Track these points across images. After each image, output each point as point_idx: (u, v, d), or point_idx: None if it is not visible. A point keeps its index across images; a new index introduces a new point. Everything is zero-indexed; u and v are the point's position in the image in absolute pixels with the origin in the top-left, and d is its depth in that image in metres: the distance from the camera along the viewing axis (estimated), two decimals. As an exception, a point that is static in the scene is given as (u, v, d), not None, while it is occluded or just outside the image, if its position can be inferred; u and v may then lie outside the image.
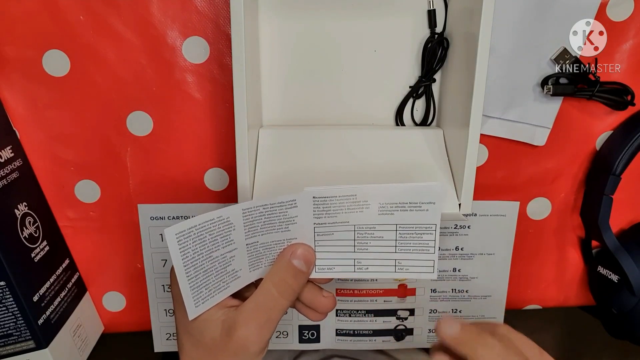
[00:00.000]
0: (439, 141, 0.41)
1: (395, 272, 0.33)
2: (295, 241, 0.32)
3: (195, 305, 0.30)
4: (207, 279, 0.30)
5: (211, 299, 0.31)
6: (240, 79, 0.34)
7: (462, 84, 0.37)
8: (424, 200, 0.31)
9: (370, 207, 0.31)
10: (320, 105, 0.43)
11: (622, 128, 0.44)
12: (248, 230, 0.31)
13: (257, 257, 0.32)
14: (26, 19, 0.39)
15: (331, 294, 0.34)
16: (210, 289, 0.31)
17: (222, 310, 0.31)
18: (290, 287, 0.31)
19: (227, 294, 0.32)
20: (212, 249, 0.30)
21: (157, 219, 0.45)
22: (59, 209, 0.45)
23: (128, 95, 0.42)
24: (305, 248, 0.32)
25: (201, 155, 0.44)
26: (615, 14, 0.41)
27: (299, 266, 0.32)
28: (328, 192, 0.31)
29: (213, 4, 0.40)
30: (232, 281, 0.32)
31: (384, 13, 0.40)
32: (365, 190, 0.31)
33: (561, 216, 0.48)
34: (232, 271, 0.31)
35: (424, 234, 0.32)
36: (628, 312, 0.44)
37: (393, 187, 0.31)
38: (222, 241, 0.30)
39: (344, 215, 0.32)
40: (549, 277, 0.50)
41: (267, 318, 0.30)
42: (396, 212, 0.31)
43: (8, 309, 0.38)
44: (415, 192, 0.31)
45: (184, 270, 0.29)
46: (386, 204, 0.31)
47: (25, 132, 0.42)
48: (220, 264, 0.31)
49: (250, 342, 0.30)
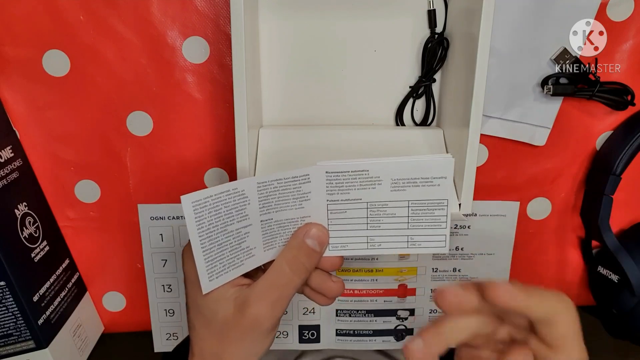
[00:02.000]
0: (439, 141, 0.41)
1: (408, 247, 0.33)
2: (309, 220, 0.33)
3: (209, 279, 0.30)
4: (222, 253, 0.30)
5: (225, 275, 0.31)
6: (240, 79, 0.34)
7: (462, 84, 0.37)
8: (435, 175, 0.31)
9: (383, 184, 0.31)
10: (320, 105, 0.43)
11: (622, 128, 0.44)
12: (262, 205, 0.31)
13: (272, 235, 0.32)
14: (26, 19, 0.39)
15: (340, 279, 0.34)
16: (225, 264, 0.31)
17: (234, 288, 0.31)
18: (303, 266, 0.32)
19: (241, 271, 0.32)
20: (227, 222, 0.30)
21: (157, 219, 0.45)
22: (59, 209, 0.45)
23: (128, 95, 0.42)
24: (319, 228, 0.32)
25: (201, 155, 0.44)
26: (615, 14, 0.41)
27: (312, 245, 0.32)
28: (340, 167, 0.31)
29: (213, 4, 0.40)
30: (246, 259, 0.32)
31: (384, 13, 0.40)
32: (377, 166, 0.31)
33: (561, 216, 0.48)
34: (247, 248, 0.31)
35: (436, 209, 0.32)
36: (628, 312, 0.44)
37: (405, 161, 0.31)
38: (237, 215, 0.30)
39: (356, 192, 0.32)
40: (549, 277, 0.50)
41: (280, 295, 0.31)
42: (408, 187, 0.31)
43: (8, 309, 0.38)
44: (427, 167, 0.31)
45: (199, 241, 0.29)
46: (398, 180, 0.31)
47: (25, 132, 0.42)
48: (235, 239, 0.31)
49: (262, 319, 0.30)
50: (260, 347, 0.32)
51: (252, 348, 0.31)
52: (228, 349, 0.31)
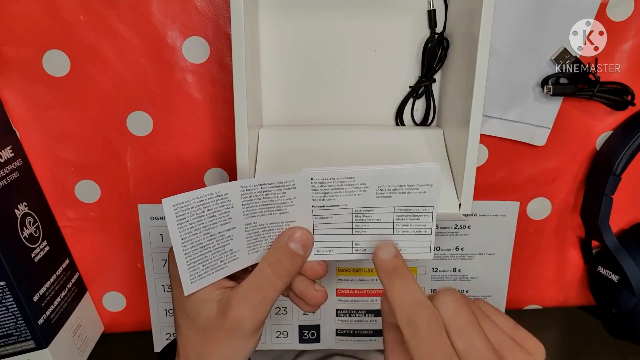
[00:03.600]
0: (439, 141, 0.41)
1: None
2: (294, 224, 0.33)
3: (191, 281, 0.30)
4: (204, 256, 0.30)
5: (208, 277, 0.31)
6: (240, 79, 0.34)
7: (462, 84, 0.37)
8: (421, 183, 0.31)
9: (368, 190, 0.31)
10: (320, 105, 0.43)
11: (622, 128, 0.44)
12: (246, 209, 0.31)
13: (256, 239, 0.32)
14: (26, 19, 0.39)
15: (323, 288, 0.34)
16: (207, 266, 0.31)
17: (219, 290, 0.31)
18: (286, 269, 0.32)
19: (224, 274, 0.32)
20: (210, 225, 0.30)
21: (157, 219, 0.45)
22: (59, 209, 0.45)
23: (128, 95, 0.42)
24: (303, 232, 0.32)
25: (201, 155, 0.44)
26: (615, 14, 0.41)
27: (295, 249, 0.32)
28: (326, 174, 0.31)
29: (213, 4, 0.40)
30: (230, 261, 0.32)
31: (384, 13, 0.40)
32: (362, 173, 0.31)
33: (561, 216, 0.48)
34: (230, 251, 0.31)
35: (421, 215, 0.32)
36: (628, 312, 0.44)
37: (390, 169, 0.31)
38: (220, 218, 0.30)
39: (342, 198, 0.32)
40: (549, 277, 0.50)
41: (262, 297, 0.31)
42: (394, 194, 0.31)
43: (8, 309, 0.38)
44: (412, 175, 0.31)
45: (181, 243, 0.29)
46: (384, 187, 0.31)
47: (25, 132, 0.42)
48: (218, 242, 0.31)
49: (244, 321, 0.30)
50: (244, 349, 0.32)
51: (235, 350, 0.32)
52: (211, 350, 0.31)
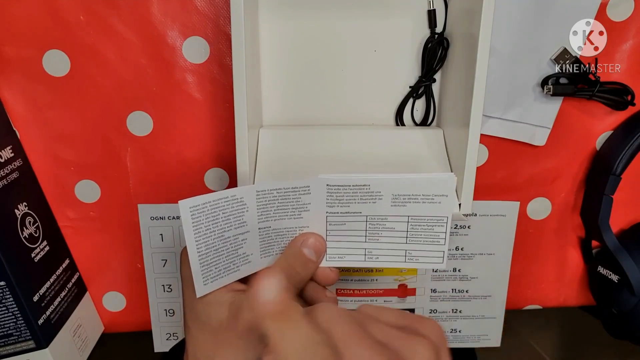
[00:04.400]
0: (439, 141, 0.41)
1: (405, 262, 0.33)
2: (308, 230, 0.33)
3: (203, 283, 0.30)
4: (218, 259, 0.30)
5: (220, 279, 0.31)
6: (240, 79, 0.34)
7: (462, 84, 0.37)
8: (436, 193, 0.31)
9: (383, 198, 0.31)
10: (320, 105, 0.43)
11: (622, 128, 0.44)
12: (261, 213, 0.31)
13: (269, 243, 0.32)
14: (26, 19, 0.39)
15: (334, 294, 0.34)
16: (220, 269, 0.31)
17: (230, 293, 0.31)
18: (298, 275, 0.32)
19: (237, 277, 0.32)
20: (224, 229, 0.30)
21: (157, 219, 0.45)
22: (59, 209, 0.45)
23: (128, 95, 0.42)
24: (316, 238, 0.32)
25: (201, 155, 0.44)
26: (615, 14, 0.41)
27: (308, 255, 0.32)
28: (341, 180, 0.31)
29: (213, 4, 0.40)
30: (242, 265, 0.32)
31: (384, 13, 0.40)
32: (378, 181, 0.31)
33: (561, 216, 0.48)
34: (243, 254, 0.31)
35: (435, 225, 0.32)
36: (628, 312, 0.44)
37: (406, 178, 0.31)
38: (234, 221, 0.30)
39: (356, 206, 0.32)
40: (549, 277, 0.50)
41: None
42: (408, 203, 0.31)
43: (8, 309, 0.38)
44: (428, 184, 0.31)
45: (195, 246, 0.29)
46: (399, 195, 0.31)
47: (25, 132, 0.42)
48: (232, 245, 0.31)
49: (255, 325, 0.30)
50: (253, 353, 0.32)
51: (245, 353, 0.31)
52: (221, 352, 0.31)
